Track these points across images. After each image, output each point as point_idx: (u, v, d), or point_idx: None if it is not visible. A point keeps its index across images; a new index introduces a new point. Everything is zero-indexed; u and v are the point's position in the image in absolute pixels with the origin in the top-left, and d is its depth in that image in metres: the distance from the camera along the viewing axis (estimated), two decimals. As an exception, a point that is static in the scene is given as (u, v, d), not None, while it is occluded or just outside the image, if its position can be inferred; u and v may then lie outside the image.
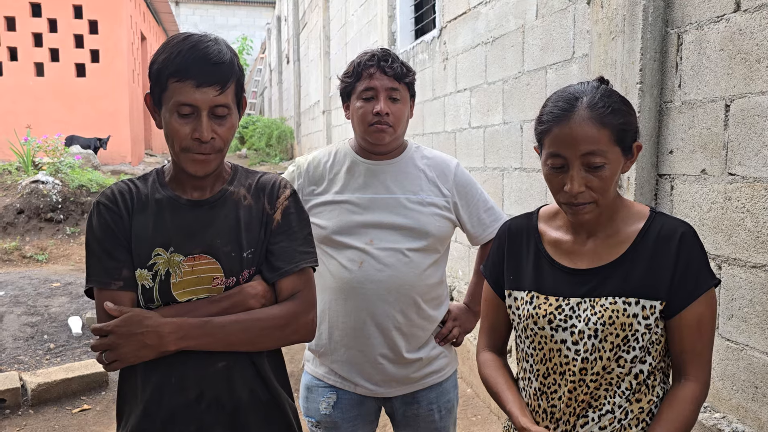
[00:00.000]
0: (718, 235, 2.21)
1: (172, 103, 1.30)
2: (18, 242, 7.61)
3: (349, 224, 1.81)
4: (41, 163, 9.13)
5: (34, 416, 3.81)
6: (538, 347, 1.35)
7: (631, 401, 1.29)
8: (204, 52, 1.29)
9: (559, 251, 1.38)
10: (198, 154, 1.33)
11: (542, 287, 1.37)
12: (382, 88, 1.78)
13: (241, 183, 1.48)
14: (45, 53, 12.81)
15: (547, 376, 1.35)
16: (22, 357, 4.49)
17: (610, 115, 1.24)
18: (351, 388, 1.87)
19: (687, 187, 2.34)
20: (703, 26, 2.23)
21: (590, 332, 1.27)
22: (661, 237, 1.28)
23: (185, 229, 1.39)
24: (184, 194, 1.43)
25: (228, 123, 1.35)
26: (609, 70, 2.58)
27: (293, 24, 15.32)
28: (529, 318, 1.35)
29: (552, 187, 1.31)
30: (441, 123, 4.98)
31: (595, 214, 1.29)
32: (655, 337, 1.28)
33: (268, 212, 1.46)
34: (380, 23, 6.49)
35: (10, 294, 5.56)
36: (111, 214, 1.39)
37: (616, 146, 1.25)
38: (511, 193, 3.78)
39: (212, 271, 1.38)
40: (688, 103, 2.31)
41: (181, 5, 25.88)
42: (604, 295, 1.28)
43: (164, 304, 1.36)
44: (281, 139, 16.20)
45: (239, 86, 1.38)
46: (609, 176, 1.25)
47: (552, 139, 1.27)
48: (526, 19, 3.53)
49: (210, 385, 1.37)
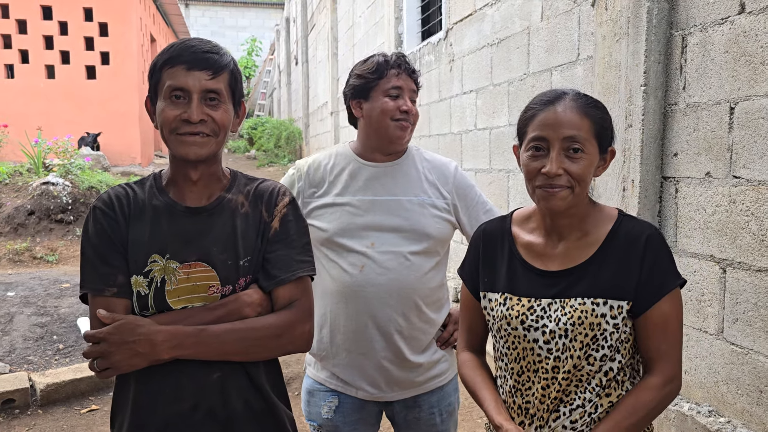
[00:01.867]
0: (722, 238, 2.20)
1: (165, 89, 1.31)
2: (29, 243, 7.67)
3: (350, 226, 1.81)
4: (52, 165, 9.20)
5: (42, 416, 3.84)
6: (512, 347, 1.40)
7: (601, 396, 1.33)
8: (197, 43, 1.33)
9: (531, 254, 1.42)
10: (187, 135, 1.31)
11: (515, 289, 1.41)
12: (407, 88, 1.85)
13: (240, 190, 1.46)
14: (56, 55, 12.92)
15: (521, 374, 1.39)
16: (32, 357, 4.53)
17: (593, 109, 1.32)
18: (352, 393, 1.87)
19: (692, 189, 2.33)
20: (708, 28, 2.22)
21: (561, 332, 1.31)
22: (628, 239, 1.32)
23: (182, 236, 1.37)
24: (182, 200, 1.41)
25: (221, 108, 1.33)
26: (613, 72, 2.58)
27: (302, 25, 15.37)
28: (503, 319, 1.40)
29: (529, 172, 1.34)
30: (447, 124, 4.98)
31: (567, 203, 1.31)
32: (624, 336, 1.32)
33: (266, 220, 1.44)
34: (387, 25, 6.50)
35: (21, 295, 5.61)
36: (107, 219, 1.38)
37: (594, 140, 1.30)
38: (517, 194, 3.78)
39: (208, 279, 1.37)
40: (692, 105, 2.30)
41: (190, 7, 26.01)
42: (573, 296, 1.32)
43: (159, 311, 1.35)
44: (290, 141, 16.23)
45: (234, 81, 1.37)
46: (586, 166, 1.30)
47: (536, 124, 1.32)
48: (531, 21, 3.52)
49: (205, 396, 1.36)
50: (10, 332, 4.83)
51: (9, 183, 8.56)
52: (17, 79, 12.81)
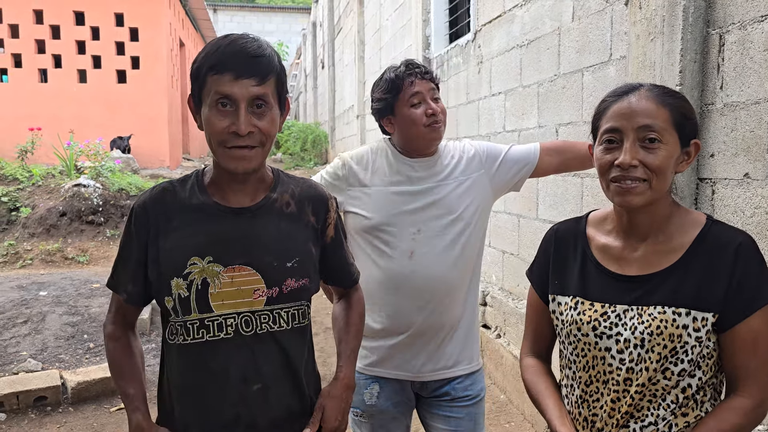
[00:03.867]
0: (762, 242, 2.14)
1: (211, 96, 1.27)
2: (60, 244, 7.82)
3: (395, 214, 1.91)
4: (83, 167, 9.37)
5: (73, 414, 3.90)
6: (581, 354, 1.32)
7: (677, 414, 1.23)
8: (242, 46, 1.27)
9: (607, 257, 1.34)
10: (236, 149, 1.28)
11: (588, 293, 1.32)
12: (425, 90, 1.91)
13: (285, 189, 1.45)
14: (88, 60, 13.19)
15: (590, 384, 1.31)
16: (63, 356, 4.61)
17: (670, 98, 1.23)
18: (393, 375, 1.97)
19: (729, 191, 2.27)
20: (747, 26, 2.16)
21: (636, 341, 1.22)
22: (717, 246, 1.22)
23: (225, 239, 1.35)
24: (224, 201, 1.38)
25: (269, 117, 1.30)
26: (647, 71, 2.53)
27: (328, 29, 15.44)
28: (573, 324, 1.32)
29: (601, 166, 1.26)
30: (475, 127, 4.95)
31: (645, 199, 1.22)
32: (706, 351, 1.21)
33: (314, 224, 1.46)
34: (414, 27, 6.49)
35: (53, 294, 5.72)
36: (138, 225, 1.39)
37: (674, 130, 1.21)
38: (546, 197, 3.73)
39: (253, 283, 1.35)
40: (730, 105, 2.25)
41: (218, 12, 26.37)
42: (652, 304, 1.23)
43: (201, 313, 1.34)
44: (316, 144, 16.32)
45: (280, 83, 1.34)
46: (665, 157, 1.20)
47: (609, 115, 1.25)
48: (562, 22, 3.48)
49: (247, 406, 1.36)
50: (42, 331, 4.93)
51: (42, 185, 8.75)
52: (50, 83, 13.10)
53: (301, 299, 1.41)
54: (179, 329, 1.35)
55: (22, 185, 8.69)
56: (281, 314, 1.38)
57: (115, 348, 1.45)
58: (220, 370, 1.34)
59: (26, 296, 5.63)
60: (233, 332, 1.34)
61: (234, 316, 1.34)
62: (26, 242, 7.81)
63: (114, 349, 1.45)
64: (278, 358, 1.38)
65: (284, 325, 1.38)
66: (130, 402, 1.39)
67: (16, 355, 4.51)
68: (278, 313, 1.37)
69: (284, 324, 1.38)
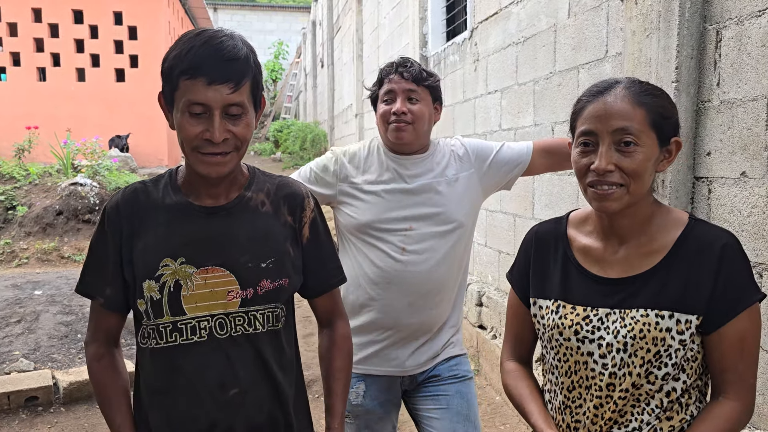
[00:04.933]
0: (759, 242, 2.10)
1: (183, 102, 1.21)
2: (57, 243, 7.79)
3: (387, 213, 1.90)
4: (80, 166, 9.34)
5: (65, 414, 3.87)
6: (563, 359, 1.28)
7: (661, 419, 1.20)
8: (217, 48, 1.20)
9: (588, 259, 1.30)
10: (209, 155, 1.24)
11: (569, 296, 1.29)
12: (399, 90, 1.90)
13: (260, 188, 1.40)
14: (86, 59, 13.17)
15: (572, 390, 1.27)
16: (56, 355, 4.57)
17: (647, 96, 1.18)
18: (381, 372, 1.96)
19: (726, 190, 2.23)
20: (744, 21, 2.12)
21: (619, 345, 1.19)
22: (700, 247, 1.18)
23: (198, 239, 1.31)
24: (198, 200, 1.34)
25: (243, 122, 1.25)
26: (643, 68, 2.48)
27: (327, 28, 15.41)
28: (555, 328, 1.28)
29: (578, 170, 1.23)
30: (471, 125, 4.91)
31: (622, 204, 1.19)
32: (690, 354, 1.19)
33: (291, 223, 1.40)
34: (412, 26, 6.45)
35: (47, 293, 5.68)
36: (111, 227, 1.34)
37: (651, 131, 1.17)
38: (542, 196, 3.69)
39: (227, 284, 1.31)
40: (727, 102, 2.21)
41: (218, 11, 26.31)
42: (635, 307, 1.20)
43: (174, 316, 1.30)
44: (315, 143, 16.28)
45: (256, 85, 1.28)
46: (641, 160, 1.16)
47: (584, 117, 1.21)
48: (558, 18, 3.44)
49: (223, 413, 1.32)
50: (36, 330, 4.89)
51: (39, 183, 8.72)
52: (49, 81, 13.09)
53: (277, 301, 1.36)
54: (152, 333, 1.31)
55: (18, 184, 8.66)
56: (256, 316, 1.33)
57: (99, 370, 1.37)
58: (195, 375, 1.29)
59: (20, 295, 5.60)
60: (207, 335, 1.30)
61: (208, 318, 1.30)
62: (22, 241, 7.78)
63: (97, 372, 1.37)
64: (255, 362, 1.33)
65: (260, 328, 1.33)
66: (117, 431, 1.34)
67: (8, 355, 4.47)
68: (253, 315, 1.33)
69: (259, 326, 1.33)
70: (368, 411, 1.98)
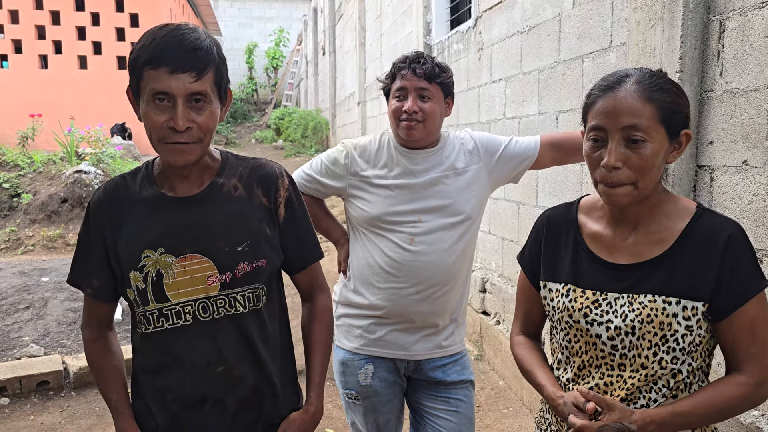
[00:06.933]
0: (759, 228, 2.14)
1: (148, 91, 1.25)
2: (62, 230, 7.84)
3: (397, 206, 1.94)
4: (84, 154, 9.37)
5: (75, 398, 3.94)
6: (573, 340, 1.34)
7: (668, 397, 1.25)
8: (180, 38, 1.25)
9: (598, 244, 1.34)
10: (175, 144, 1.27)
11: (579, 280, 1.34)
12: (411, 88, 1.91)
13: (233, 173, 1.44)
14: (88, 46, 13.16)
15: (582, 368, 1.33)
16: (65, 341, 4.64)
17: (658, 92, 1.20)
18: (388, 354, 2.00)
19: (728, 178, 2.28)
20: (747, 12, 2.15)
21: (627, 329, 1.24)
22: (707, 236, 1.22)
23: (175, 229, 1.37)
24: (172, 191, 1.40)
25: (207, 111, 1.29)
26: (647, 58, 2.52)
27: (329, 15, 15.36)
28: (565, 311, 1.33)
29: (590, 164, 1.26)
30: (475, 113, 4.94)
31: (632, 198, 1.23)
32: (698, 340, 1.23)
33: (266, 204, 1.45)
34: (415, 14, 6.45)
35: (54, 280, 5.74)
36: (95, 221, 1.41)
37: (660, 126, 1.19)
38: (546, 184, 3.74)
39: (205, 270, 1.37)
40: (729, 92, 2.25)
41: (219, -2, 26.16)
42: (643, 292, 1.25)
43: (158, 303, 1.37)
44: (317, 131, 16.28)
45: (219, 76, 1.31)
46: (650, 156, 1.19)
47: (595, 112, 1.24)
48: (562, 8, 3.47)
49: (211, 388, 1.41)
50: (45, 316, 4.95)
51: (43, 171, 8.75)
52: (51, 69, 13.08)
53: (256, 282, 1.42)
54: (142, 319, 1.40)
55: (23, 171, 8.70)
56: (237, 298, 1.40)
57: (93, 352, 1.47)
58: (183, 356, 1.38)
59: (28, 282, 5.66)
60: (192, 319, 1.38)
61: (191, 303, 1.38)
62: (27, 228, 7.84)
63: (92, 354, 1.47)
64: (238, 340, 1.42)
65: (241, 309, 1.41)
66: (114, 409, 1.44)
67: (18, 341, 4.54)
68: (234, 297, 1.40)
69: (241, 307, 1.41)
70: (376, 392, 2.03)
